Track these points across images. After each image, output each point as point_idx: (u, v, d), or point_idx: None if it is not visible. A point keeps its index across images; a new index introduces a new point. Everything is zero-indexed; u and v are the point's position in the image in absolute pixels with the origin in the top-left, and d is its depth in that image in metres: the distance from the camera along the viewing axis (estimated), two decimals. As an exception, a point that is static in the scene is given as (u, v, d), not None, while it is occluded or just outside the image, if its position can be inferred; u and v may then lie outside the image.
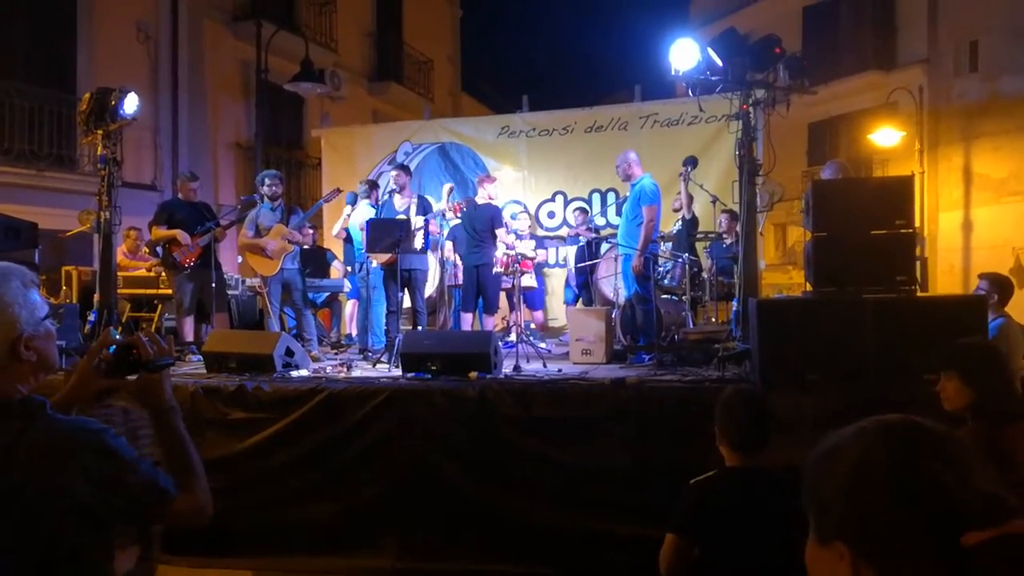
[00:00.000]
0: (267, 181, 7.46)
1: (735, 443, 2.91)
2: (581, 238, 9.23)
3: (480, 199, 8.10)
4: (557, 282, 9.93)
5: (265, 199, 7.43)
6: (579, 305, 9.00)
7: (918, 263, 6.11)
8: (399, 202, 7.53)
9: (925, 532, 0.89)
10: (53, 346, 1.76)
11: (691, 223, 8.73)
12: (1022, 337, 5.72)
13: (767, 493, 2.81)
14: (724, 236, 8.56)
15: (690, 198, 8.78)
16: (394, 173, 7.63)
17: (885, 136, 14.31)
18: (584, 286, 9.25)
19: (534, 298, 9.19)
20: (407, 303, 7.53)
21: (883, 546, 0.91)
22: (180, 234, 7.04)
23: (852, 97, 16.10)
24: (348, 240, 8.98)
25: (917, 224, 11.50)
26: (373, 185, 9.05)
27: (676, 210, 8.90)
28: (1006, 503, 0.91)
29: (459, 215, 8.09)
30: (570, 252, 9.54)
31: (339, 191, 8.20)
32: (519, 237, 8.71)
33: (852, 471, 0.95)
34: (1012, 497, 0.92)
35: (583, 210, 9.66)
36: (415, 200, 7.53)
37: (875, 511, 0.92)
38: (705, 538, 2.80)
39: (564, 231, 9.80)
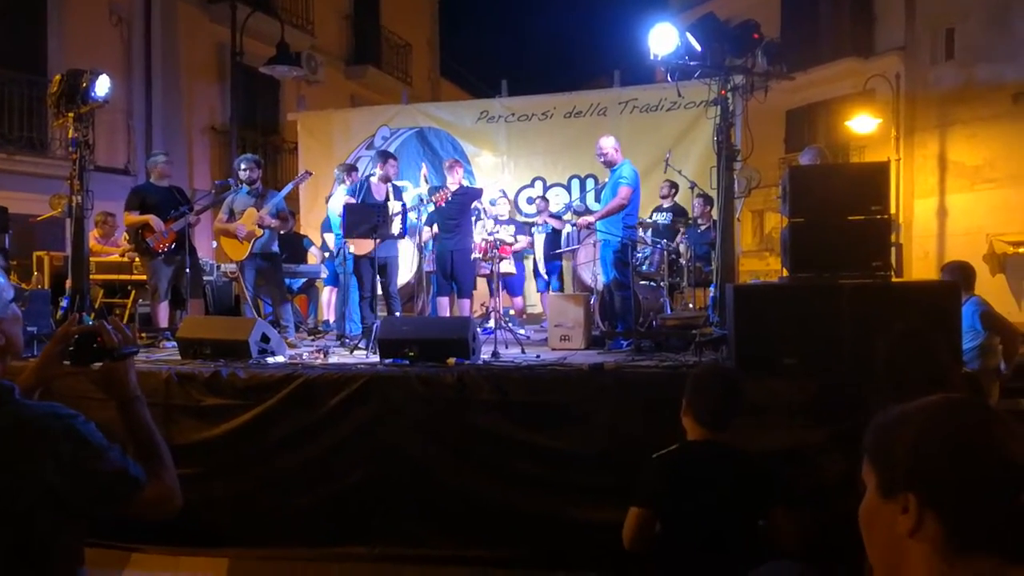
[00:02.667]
0: (243, 165, 7.38)
1: (702, 418, 2.92)
2: (548, 224, 9.24)
3: (451, 184, 8.09)
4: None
5: (242, 183, 7.35)
6: (549, 293, 8.99)
7: (893, 249, 6.16)
8: (377, 188, 7.47)
9: (989, 488, 1.01)
10: (20, 330, 1.73)
11: (677, 210, 8.77)
12: None
13: (727, 467, 2.84)
14: (699, 221, 8.59)
15: (674, 185, 8.82)
16: (391, 162, 7.57)
17: (862, 123, 14.41)
18: (555, 273, 9.26)
19: (514, 284, 9.18)
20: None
21: (951, 498, 1.02)
22: (153, 219, 6.94)
23: (830, 84, 16.18)
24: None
25: (893, 210, 11.61)
26: (351, 169, 8.98)
27: (663, 196, 8.93)
28: None
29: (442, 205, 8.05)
30: (538, 240, 9.51)
31: (309, 174, 8.14)
32: (498, 223, 8.70)
33: (922, 435, 1.07)
34: None
35: (543, 198, 9.67)
36: (390, 187, 7.50)
37: (943, 466, 1.03)
38: (666, 511, 2.82)
39: (538, 218, 9.79)
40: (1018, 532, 0.99)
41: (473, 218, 8.42)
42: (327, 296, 9.36)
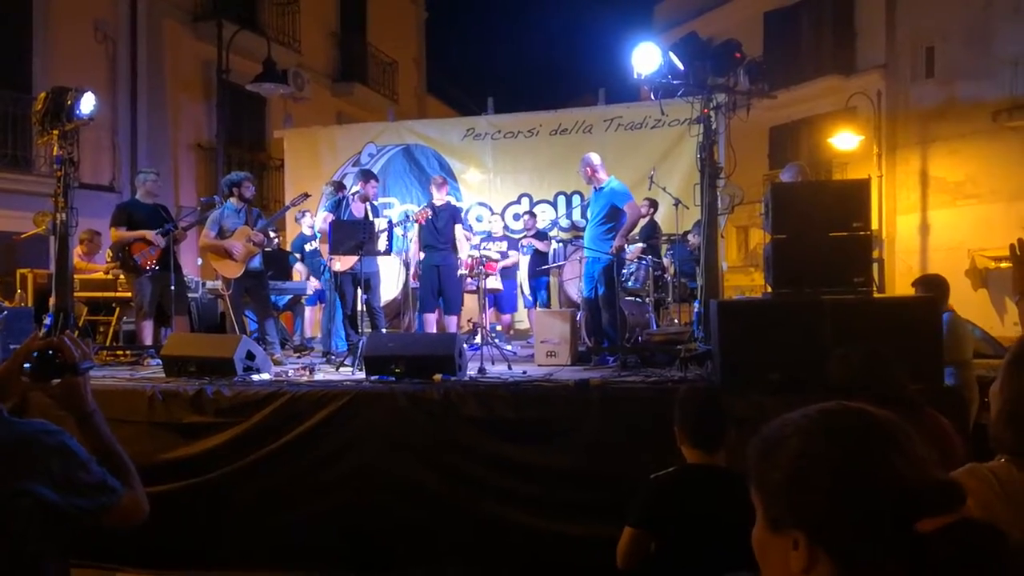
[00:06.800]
0: (248, 184, 7.36)
1: (692, 440, 2.94)
2: (531, 245, 9.24)
3: (437, 201, 8.10)
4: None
5: (228, 200, 7.33)
6: (536, 308, 8.99)
7: (875, 265, 6.22)
8: (356, 207, 7.49)
9: (881, 520, 0.90)
10: None
11: (653, 226, 8.81)
12: (970, 331, 5.84)
13: (724, 490, 2.85)
14: (689, 238, 8.64)
15: (654, 203, 8.86)
16: (372, 182, 7.60)
17: (844, 140, 14.56)
18: (542, 288, 9.27)
19: (503, 300, 9.19)
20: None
21: (840, 535, 0.92)
22: (151, 235, 6.92)
23: (812, 101, 16.36)
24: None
25: (875, 227, 11.71)
26: (339, 187, 8.98)
27: (643, 215, 8.96)
28: (960, 489, 0.92)
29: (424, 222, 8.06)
30: (522, 258, 9.50)
31: (307, 196, 8.08)
32: (492, 239, 8.71)
33: (800, 461, 0.96)
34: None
35: (531, 214, 9.69)
36: (368, 206, 7.51)
37: (830, 501, 0.93)
38: (661, 532, 2.83)
39: (524, 240, 9.76)
40: (916, 566, 0.89)
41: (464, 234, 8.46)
42: (308, 314, 9.35)
